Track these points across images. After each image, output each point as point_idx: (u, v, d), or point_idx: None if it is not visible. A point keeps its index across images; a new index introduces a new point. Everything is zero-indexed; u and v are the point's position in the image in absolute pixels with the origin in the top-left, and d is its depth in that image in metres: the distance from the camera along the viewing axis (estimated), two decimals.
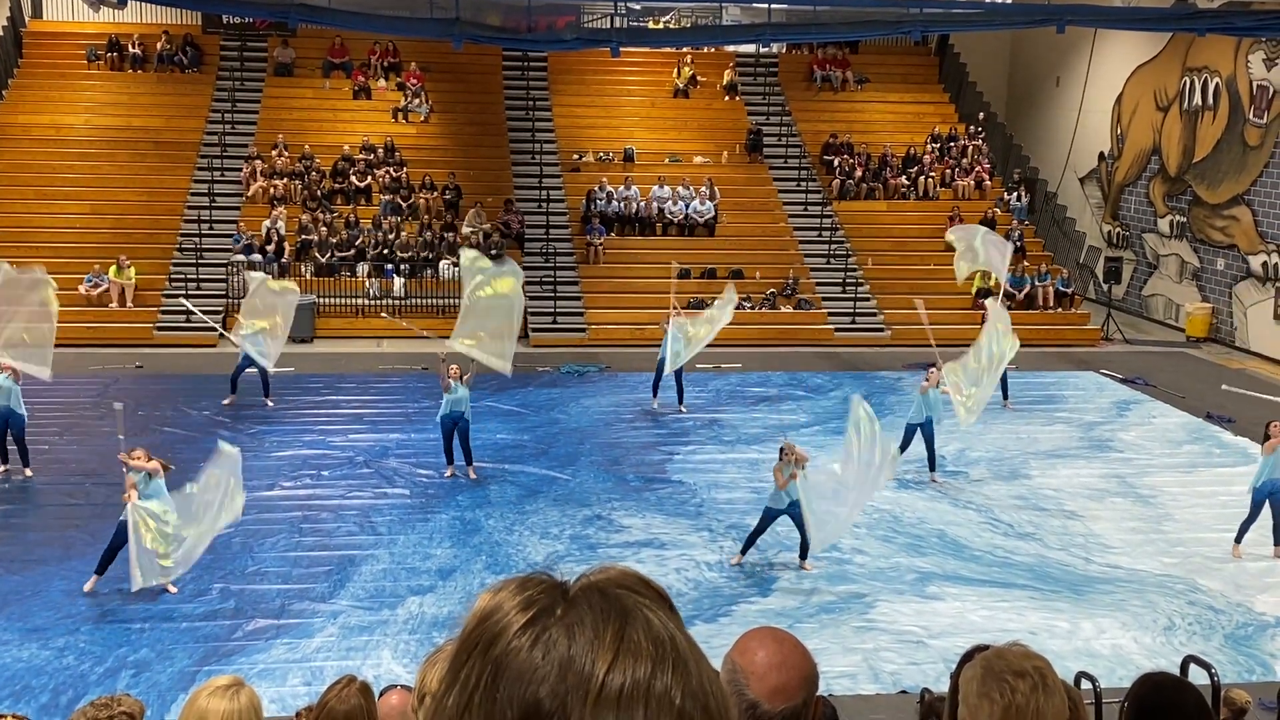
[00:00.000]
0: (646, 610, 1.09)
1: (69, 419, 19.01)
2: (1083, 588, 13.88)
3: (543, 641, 1.05)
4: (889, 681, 11.61)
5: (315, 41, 31.20)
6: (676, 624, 1.11)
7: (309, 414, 19.91)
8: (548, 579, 1.12)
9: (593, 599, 1.09)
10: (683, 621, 1.14)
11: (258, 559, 14.14)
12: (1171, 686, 4.36)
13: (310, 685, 10.92)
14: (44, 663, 11.57)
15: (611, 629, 1.05)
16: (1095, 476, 17.81)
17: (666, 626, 1.09)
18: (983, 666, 2.81)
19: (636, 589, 1.13)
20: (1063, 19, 22.07)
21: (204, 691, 3.96)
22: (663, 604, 1.14)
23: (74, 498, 16.00)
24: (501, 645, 1.06)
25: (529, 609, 1.08)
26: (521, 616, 1.07)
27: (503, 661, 1.05)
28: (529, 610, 1.08)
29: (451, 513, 15.80)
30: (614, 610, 1.07)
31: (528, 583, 1.12)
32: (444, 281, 26.34)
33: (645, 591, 1.13)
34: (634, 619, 1.07)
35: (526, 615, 1.07)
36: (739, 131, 31.15)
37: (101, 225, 26.83)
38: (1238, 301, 26.79)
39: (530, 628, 1.06)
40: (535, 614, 1.07)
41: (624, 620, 1.07)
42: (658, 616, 1.09)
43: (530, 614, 1.07)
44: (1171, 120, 28.85)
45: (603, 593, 1.10)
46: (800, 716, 2.51)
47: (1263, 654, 12.34)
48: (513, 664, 1.04)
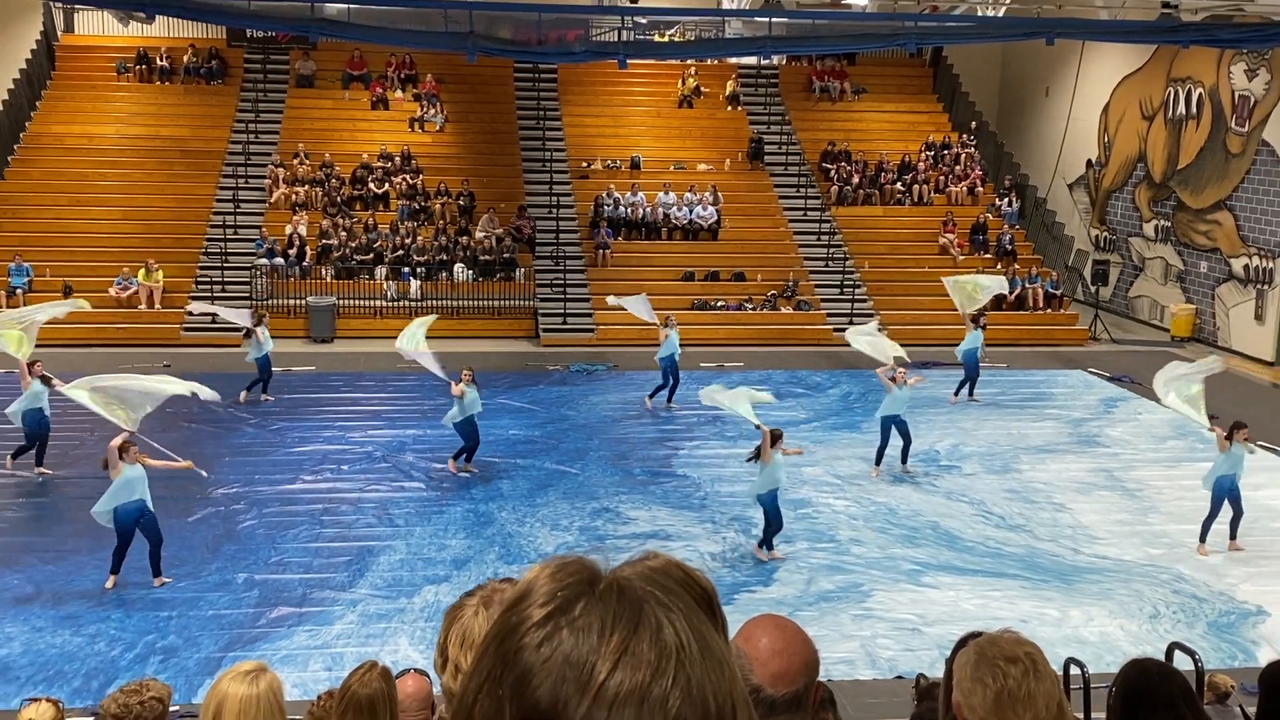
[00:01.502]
0: (663, 614, 1.05)
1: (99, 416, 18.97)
2: (1071, 577, 13.85)
3: (549, 643, 1.02)
4: (886, 667, 11.60)
5: (335, 54, 31.21)
6: (699, 627, 1.07)
7: (329, 411, 19.92)
8: (581, 569, 1.09)
9: (610, 600, 1.05)
10: (717, 621, 1.10)
11: (280, 549, 14.15)
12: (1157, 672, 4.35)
13: (331, 670, 10.93)
14: (76, 649, 11.59)
15: (618, 635, 1.02)
16: (1083, 471, 17.78)
17: (681, 633, 1.05)
18: (976, 652, 2.80)
19: (667, 586, 1.09)
20: (1051, 31, 22.03)
21: (226, 676, 3.96)
22: (695, 603, 1.10)
23: (104, 491, 15.98)
24: (514, 640, 1.04)
25: (548, 604, 1.05)
26: (539, 611, 1.05)
27: (511, 657, 1.03)
28: (548, 605, 1.05)
29: (465, 505, 15.80)
30: (626, 614, 1.04)
31: (561, 570, 1.09)
32: (458, 284, 26.39)
33: (676, 589, 1.09)
34: (645, 624, 1.04)
35: (544, 611, 1.05)
36: (741, 140, 31.13)
37: (131, 230, 26.86)
38: (1220, 303, 26.73)
39: (542, 627, 1.03)
40: (551, 611, 1.05)
41: (634, 626, 1.03)
42: (675, 622, 1.05)
43: (547, 610, 1.05)
44: (1156, 129, 28.79)
45: (623, 591, 1.06)
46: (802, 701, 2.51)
47: (1244, 641, 12.31)
48: (520, 661, 1.02)
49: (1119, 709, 4.26)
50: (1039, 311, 27.21)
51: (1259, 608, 13.05)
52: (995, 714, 2.69)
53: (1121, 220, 30.30)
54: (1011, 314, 26.72)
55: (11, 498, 15.83)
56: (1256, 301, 25.56)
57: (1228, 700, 7.96)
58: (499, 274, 26.87)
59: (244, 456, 17.20)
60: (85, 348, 23.52)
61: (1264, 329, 25.38)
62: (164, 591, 12.81)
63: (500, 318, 26.19)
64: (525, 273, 26.91)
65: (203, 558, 13.80)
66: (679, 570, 1.13)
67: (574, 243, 27.91)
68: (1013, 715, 2.68)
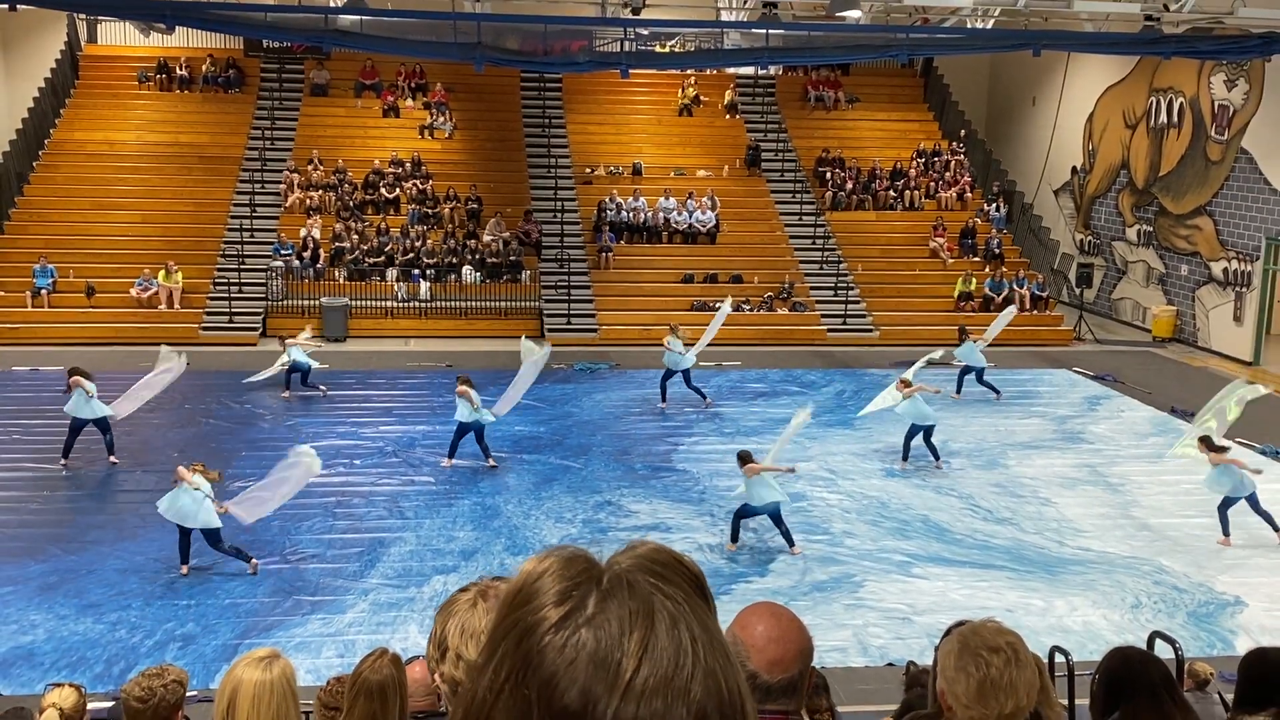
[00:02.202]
0: (672, 606, 1.07)
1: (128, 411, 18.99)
2: (1056, 568, 13.84)
3: (572, 644, 1.03)
4: (877, 655, 11.59)
5: (348, 64, 31.20)
6: (704, 618, 1.09)
7: (342, 407, 19.92)
8: (585, 564, 1.09)
9: (621, 595, 1.06)
10: (710, 603, 1.12)
11: (294, 540, 14.15)
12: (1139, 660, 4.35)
13: (343, 657, 10.93)
14: (98, 636, 11.59)
15: (638, 632, 1.03)
16: (1068, 466, 17.76)
17: (692, 626, 1.06)
18: (959, 642, 2.79)
19: (665, 575, 1.10)
20: (1038, 43, 22.01)
21: (241, 663, 3.97)
22: (691, 589, 1.11)
23: (125, 484, 16.03)
24: (533, 641, 1.04)
25: (562, 604, 1.05)
26: (555, 612, 1.05)
27: (533, 659, 1.03)
28: (563, 605, 1.05)
29: (473, 499, 15.80)
30: (641, 609, 1.05)
31: (568, 566, 1.09)
32: (467, 285, 26.40)
33: (674, 578, 1.10)
34: (659, 618, 1.05)
35: (560, 611, 1.05)
36: (739, 147, 31.11)
37: (151, 233, 26.85)
38: (1200, 304, 26.70)
39: (562, 628, 1.04)
40: (568, 611, 1.05)
41: (649, 621, 1.04)
42: (684, 614, 1.07)
43: (564, 610, 1.05)
44: (1139, 137, 28.76)
45: (631, 586, 1.07)
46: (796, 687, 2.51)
47: (1223, 630, 12.30)
48: (544, 663, 1.02)
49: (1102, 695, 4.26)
50: (1025, 313, 27.19)
51: (1237, 598, 13.04)
52: (978, 702, 2.69)
53: (1105, 225, 30.27)
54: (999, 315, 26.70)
55: (35, 490, 15.84)
56: (1235, 303, 25.54)
57: (1207, 687, 7.95)
58: (506, 276, 26.87)
59: (260, 451, 17.18)
60: (108, 346, 23.54)
61: (1242, 330, 25.36)
62: (182, 581, 12.81)
63: (507, 318, 26.18)
64: (531, 275, 26.90)
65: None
66: (669, 556, 1.13)
67: (578, 246, 27.90)
68: (995, 703, 2.68)
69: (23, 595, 12.44)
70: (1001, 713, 2.67)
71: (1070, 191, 31.69)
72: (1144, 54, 25.49)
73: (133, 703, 4.29)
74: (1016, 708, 2.69)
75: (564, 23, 23.78)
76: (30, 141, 28.72)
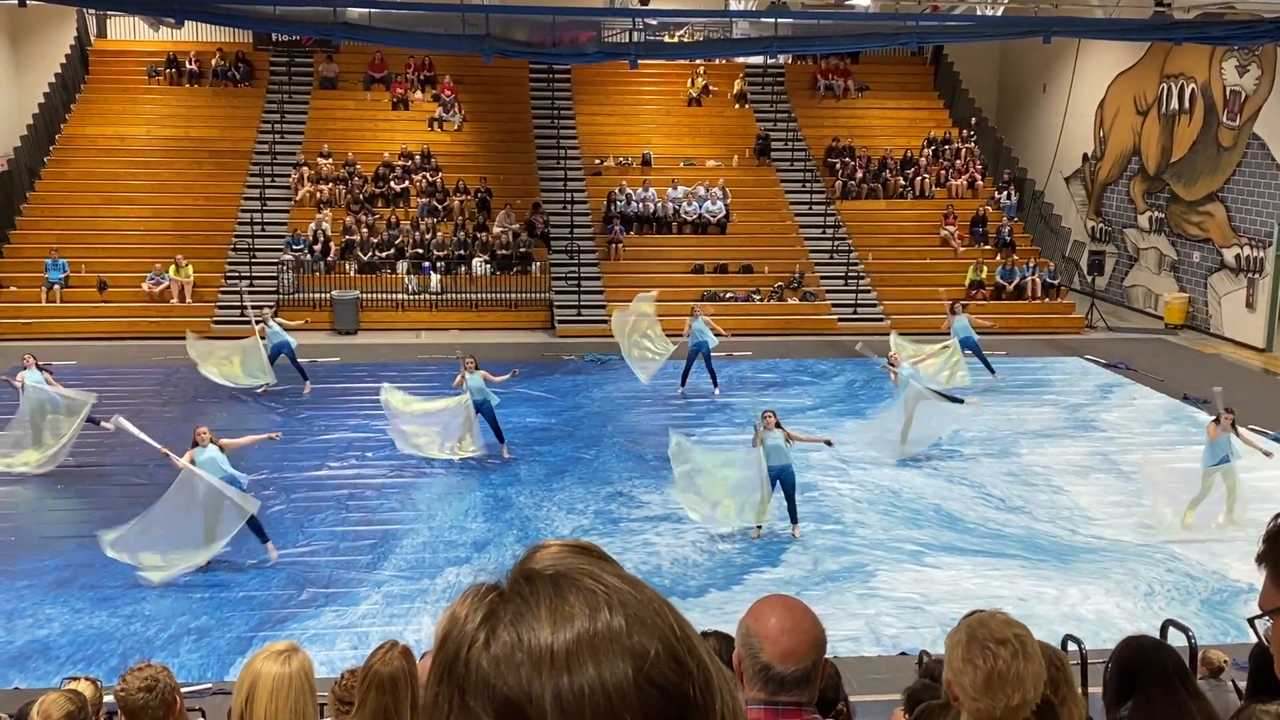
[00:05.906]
0: (575, 574, 1.05)
1: (134, 405, 19.04)
2: (1069, 557, 13.82)
3: (494, 642, 1.02)
4: (889, 644, 11.60)
5: (357, 57, 31.21)
6: (621, 573, 1.07)
7: (354, 400, 19.95)
8: (489, 587, 1.09)
9: (522, 588, 1.05)
10: (619, 565, 1.09)
11: (308, 533, 14.20)
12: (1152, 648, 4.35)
13: (357, 649, 10.96)
14: (113, 629, 11.65)
15: (545, 605, 1.02)
16: (1080, 454, 17.73)
17: (601, 579, 1.05)
18: (966, 634, 2.79)
19: (561, 555, 1.09)
20: (1048, 30, 21.91)
21: (260, 656, 3.99)
22: (592, 556, 1.10)
23: (139, 478, 16.05)
24: (460, 663, 1.03)
25: (475, 618, 1.05)
26: (470, 626, 1.05)
27: (465, 678, 1.02)
28: (475, 618, 1.05)
29: (485, 490, 15.83)
30: (544, 588, 1.04)
31: (475, 594, 1.08)
32: (477, 277, 26.42)
33: (568, 555, 1.09)
34: (564, 586, 1.04)
35: (474, 624, 1.04)
36: (748, 137, 31.05)
37: (162, 228, 26.92)
38: (1212, 291, 26.61)
39: (479, 636, 1.03)
40: (480, 620, 1.04)
41: (555, 591, 1.04)
42: (591, 573, 1.05)
43: (477, 622, 1.05)
44: (1150, 123, 28.64)
45: (530, 577, 1.06)
46: (810, 678, 2.51)
47: (1237, 617, 12.26)
48: (475, 676, 1.02)
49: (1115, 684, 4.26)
50: (1037, 301, 27.12)
51: (1250, 585, 12.99)
52: (985, 694, 2.69)
53: (1117, 212, 30.17)
54: (1010, 303, 26.65)
55: (50, 485, 15.91)
56: (1247, 290, 25.44)
57: (1220, 675, 7.95)
58: (516, 268, 26.87)
59: (272, 444, 17.22)
60: (120, 340, 23.62)
61: (1255, 316, 25.27)
62: (196, 574, 12.85)
63: (517, 310, 26.21)
64: (541, 266, 26.91)
65: (233, 541, 13.83)
66: (556, 542, 1.12)
67: (588, 237, 27.88)
68: (1002, 696, 2.68)
69: (38, 589, 12.51)
70: (1008, 705, 2.67)
71: (1081, 179, 31.58)
72: (1155, 40, 25.36)
73: (136, 695, 4.28)
74: (1023, 700, 2.69)
75: (572, 14, 23.73)
76: (41, 137, 28.80)
